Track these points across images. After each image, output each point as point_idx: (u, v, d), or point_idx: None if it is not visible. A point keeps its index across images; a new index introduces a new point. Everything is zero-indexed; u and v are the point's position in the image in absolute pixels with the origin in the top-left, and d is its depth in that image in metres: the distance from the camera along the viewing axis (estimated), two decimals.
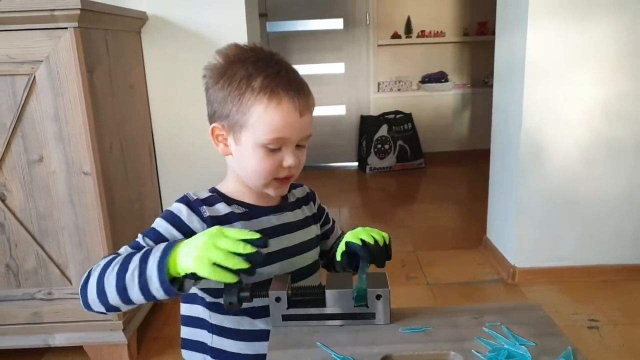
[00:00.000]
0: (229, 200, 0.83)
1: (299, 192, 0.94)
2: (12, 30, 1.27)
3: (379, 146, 3.84)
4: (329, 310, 0.73)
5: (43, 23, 1.26)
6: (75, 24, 1.27)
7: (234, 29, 1.79)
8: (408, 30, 3.99)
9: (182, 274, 0.66)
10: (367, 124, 3.88)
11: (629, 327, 1.69)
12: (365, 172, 3.88)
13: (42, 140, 1.36)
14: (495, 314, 0.75)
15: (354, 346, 0.68)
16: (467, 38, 4.02)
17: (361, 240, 0.77)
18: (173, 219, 0.78)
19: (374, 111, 4.00)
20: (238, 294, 0.69)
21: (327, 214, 0.99)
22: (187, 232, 0.77)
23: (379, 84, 4.06)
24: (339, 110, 4.04)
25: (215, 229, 0.67)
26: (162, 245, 0.69)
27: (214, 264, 0.63)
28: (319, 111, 4.43)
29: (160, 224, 0.78)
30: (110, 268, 0.70)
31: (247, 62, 0.76)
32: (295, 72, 0.80)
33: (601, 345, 1.60)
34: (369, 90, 4.02)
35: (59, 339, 1.49)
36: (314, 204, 0.96)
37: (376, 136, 3.83)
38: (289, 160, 0.77)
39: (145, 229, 0.80)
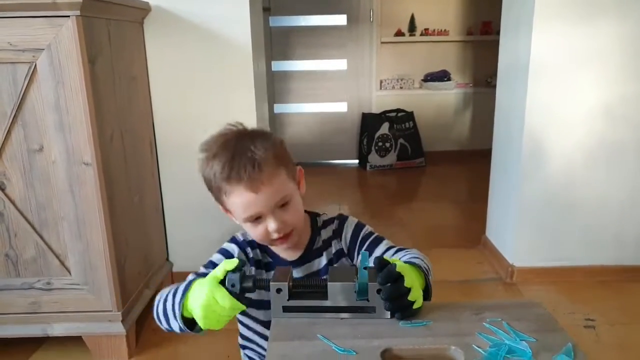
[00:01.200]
0: (262, 248, 0.95)
1: (325, 233, 0.96)
2: (14, 18, 1.26)
3: (380, 144, 3.84)
4: (329, 302, 0.73)
5: (45, 10, 1.25)
6: (78, 12, 1.26)
7: (238, 22, 1.78)
8: (412, 28, 3.98)
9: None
10: (369, 122, 3.87)
11: (626, 327, 1.69)
12: (365, 169, 3.88)
13: (42, 130, 1.35)
14: (496, 310, 0.75)
15: (355, 339, 0.68)
16: (471, 37, 4.01)
17: (387, 263, 0.72)
18: (225, 254, 0.92)
19: (376, 109, 4.00)
20: (241, 284, 0.70)
21: (366, 236, 0.96)
22: None
23: (381, 82, 4.05)
24: (340, 107, 4.03)
25: (209, 287, 0.72)
26: (181, 291, 0.78)
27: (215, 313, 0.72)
28: (320, 108, 4.39)
29: (216, 257, 0.92)
30: (162, 302, 0.82)
31: (211, 151, 0.85)
32: (242, 147, 0.83)
33: (597, 345, 1.60)
34: (371, 87, 4.01)
35: (58, 329, 1.49)
36: (341, 237, 0.96)
37: (377, 134, 3.82)
38: (271, 226, 0.84)
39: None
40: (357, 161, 4.06)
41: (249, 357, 1.05)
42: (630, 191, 1.95)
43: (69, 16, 1.26)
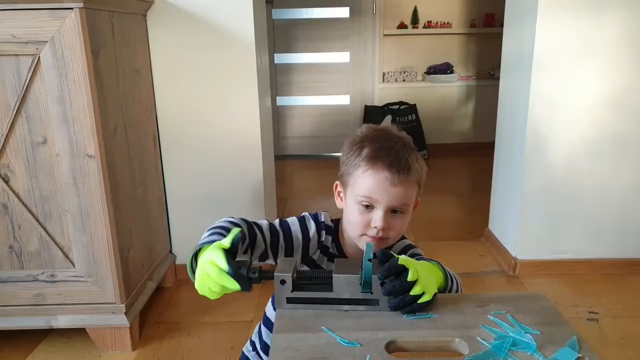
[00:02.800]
0: (334, 238, 0.97)
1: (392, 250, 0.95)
2: (17, 10, 1.25)
3: None
4: (333, 294, 0.73)
5: (48, 2, 1.25)
6: (81, 4, 1.25)
7: (241, 14, 1.77)
8: (414, 20, 3.96)
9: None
10: (371, 114, 3.86)
11: (629, 320, 1.69)
12: None
13: (46, 122, 1.35)
14: (501, 302, 0.75)
15: (359, 331, 0.68)
16: (474, 29, 3.98)
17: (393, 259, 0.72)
18: (303, 225, 0.96)
19: (378, 101, 3.99)
20: (247, 275, 0.70)
21: (411, 254, 0.95)
22: (306, 242, 0.95)
23: (384, 74, 4.04)
24: (343, 100, 4.02)
25: (209, 258, 0.72)
26: (209, 239, 0.80)
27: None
28: (323, 100, 4.37)
29: (294, 222, 0.96)
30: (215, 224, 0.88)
31: (367, 137, 0.91)
32: (403, 150, 0.88)
33: (600, 338, 1.60)
34: (373, 80, 3.99)
35: (62, 321, 1.50)
36: None
37: None
38: (376, 221, 0.87)
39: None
40: None
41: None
42: (633, 182, 1.94)
43: (72, 8, 1.26)
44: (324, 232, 0.96)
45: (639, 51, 1.82)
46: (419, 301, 0.71)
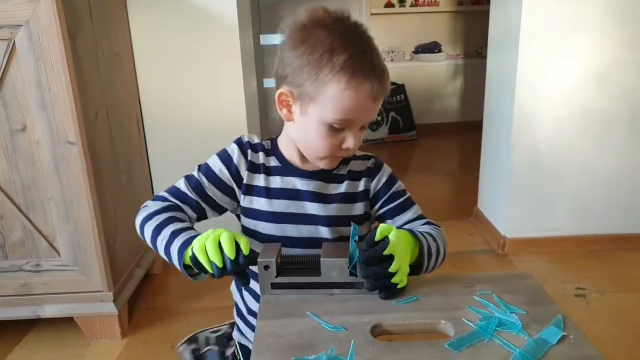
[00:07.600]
0: (273, 152, 0.87)
1: (357, 166, 0.87)
2: None
3: None
4: (317, 278, 0.72)
5: None
6: None
7: None
8: None
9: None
10: None
11: (616, 295, 1.71)
12: None
13: (24, 109, 1.32)
14: (486, 282, 0.75)
15: (344, 315, 0.67)
16: (462, 7, 3.95)
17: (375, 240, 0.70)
18: (225, 157, 0.85)
19: None
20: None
21: (397, 193, 0.88)
22: (234, 171, 0.84)
23: None
24: None
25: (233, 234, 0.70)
26: (191, 233, 0.75)
27: (205, 248, 0.68)
28: None
29: (214, 162, 0.86)
30: (152, 221, 0.78)
31: (332, 34, 0.72)
32: (378, 54, 0.75)
33: (587, 313, 1.62)
34: None
35: (49, 311, 1.48)
36: (371, 181, 0.87)
37: None
38: (349, 142, 0.76)
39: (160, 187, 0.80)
40: None
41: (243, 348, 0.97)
42: (619, 158, 1.95)
43: None
44: (250, 150, 0.86)
45: (625, 27, 1.81)
46: (397, 286, 0.70)
